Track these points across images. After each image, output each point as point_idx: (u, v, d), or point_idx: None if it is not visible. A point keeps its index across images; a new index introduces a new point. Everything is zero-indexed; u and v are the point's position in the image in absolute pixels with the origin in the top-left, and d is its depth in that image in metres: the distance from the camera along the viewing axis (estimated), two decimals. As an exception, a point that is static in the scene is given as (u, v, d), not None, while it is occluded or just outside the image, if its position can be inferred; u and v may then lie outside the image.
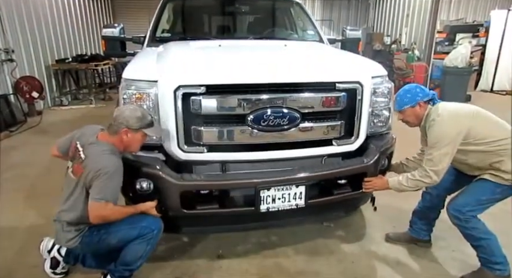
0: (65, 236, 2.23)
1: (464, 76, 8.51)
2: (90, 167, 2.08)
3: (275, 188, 2.35)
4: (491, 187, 2.35)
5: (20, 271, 2.62)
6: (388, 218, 3.21)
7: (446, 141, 2.26)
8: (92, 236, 2.22)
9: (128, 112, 2.14)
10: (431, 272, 2.62)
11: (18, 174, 4.41)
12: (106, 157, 2.10)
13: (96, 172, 2.04)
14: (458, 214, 2.38)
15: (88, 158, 2.12)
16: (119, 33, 3.62)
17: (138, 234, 2.21)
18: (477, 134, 2.28)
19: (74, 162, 2.21)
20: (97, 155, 2.11)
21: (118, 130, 2.14)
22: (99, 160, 2.09)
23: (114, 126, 2.15)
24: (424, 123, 2.44)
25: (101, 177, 2.04)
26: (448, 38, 10.86)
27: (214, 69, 2.43)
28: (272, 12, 4.53)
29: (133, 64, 2.62)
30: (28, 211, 3.48)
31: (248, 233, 3.04)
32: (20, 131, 6.37)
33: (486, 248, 2.41)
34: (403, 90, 2.46)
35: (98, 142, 2.19)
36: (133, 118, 2.12)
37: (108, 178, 2.05)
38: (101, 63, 9.07)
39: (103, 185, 2.05)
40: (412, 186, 2.42)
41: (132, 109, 2.15)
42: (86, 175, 2.09)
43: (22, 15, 7.43)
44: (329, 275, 2.59)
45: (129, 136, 2.16)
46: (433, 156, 2.30)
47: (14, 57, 6.99)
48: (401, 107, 2.44)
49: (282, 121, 2.32)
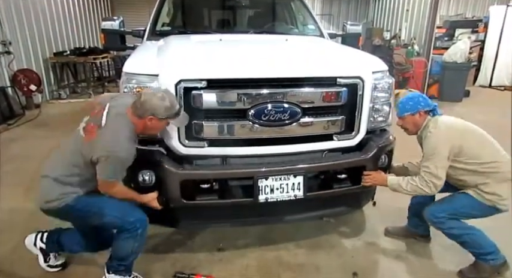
0: (47, 193, 2.08)
1: (463, 71, 8.51)
2: (103, 141, 1.98)
3: (273, 178, 2.38)
4: (472, 202, 2.41)
5: (20, 263, 2.63)
6: (388, 213, 3.23)
7: (441, 155, 2.31)
8: (75, 207, 2.09)
9: (156, 101, 2.01)
10: (430, 266, 2.64)
11: (17, 167, 4.40)
12: (122, 141, 2.00)
13: (107, 151, 1.96)
14: (432, 218, 2.50)
15: (106, 129, 2.01)
16: (118, 26, 3.59)
17: (121, 226, 2.17)
18: (470, 153, 2.33)
19: (91, 121, 2.08)
20: (115, 133, 2.00)
21: (143, 116, 2.03)
22: (115, 141, 1.98)
23: (139, 109, 2.03)
24: (420, 133, 2.49)
25: (111, 158, 1.97)
26: (447, 33, 10.86)
27: (216, 64, 2.43)
28: (273, 6, 4.51)
29: (134, 58, 2.61)
30: (28, 204, 3.47)
31: (249, 227, 3.06)
32: (18, 124, 6.34)
33: (472, 243, 2.47)
34: (406, 98, 2.50)
35: (124, 118, 2.06)
36: (162, 108, 2.01)
37: (118, 162, 2.01)
38: (99, 56, 9.01)
39: (112, 167, 2.00)
40: (410, 191, 2.46)
41: (160, 97, 2.02)
42: (95, 146, 1.98)
43: (19, 7, 7.36)
44: (329, 268, 2.61)
45: (153, 123, 2.06)
46: (430, 169, 2.34)
47: (11, 50, 6.96)
48: (402, 113, 2.49)
49: (283, 116, 2.33)
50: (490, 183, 2.34)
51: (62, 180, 2.07)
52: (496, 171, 2.33)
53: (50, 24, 8.62)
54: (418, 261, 2.68)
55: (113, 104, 2.12)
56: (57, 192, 2.06)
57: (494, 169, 2.32)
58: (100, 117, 2.04)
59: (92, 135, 2.02)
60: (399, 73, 8.61)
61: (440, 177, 2.34)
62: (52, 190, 2.07)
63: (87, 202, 2.12)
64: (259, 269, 2.60)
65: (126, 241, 2.19)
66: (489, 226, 2.54)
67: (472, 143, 2.35)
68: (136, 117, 2.06)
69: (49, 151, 2.48)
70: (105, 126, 2.01)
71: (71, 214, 2.14)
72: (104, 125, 2.01)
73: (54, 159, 2.18)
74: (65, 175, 2.07)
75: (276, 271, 2.58)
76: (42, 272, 2.53)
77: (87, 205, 2.12)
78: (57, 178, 2.06)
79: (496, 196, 2.34)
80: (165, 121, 2.09)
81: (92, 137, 2.01)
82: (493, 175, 2.33)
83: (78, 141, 2.07)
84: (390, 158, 2.77)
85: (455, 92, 8.51)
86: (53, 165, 2.14)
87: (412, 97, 2.48)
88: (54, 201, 2.06)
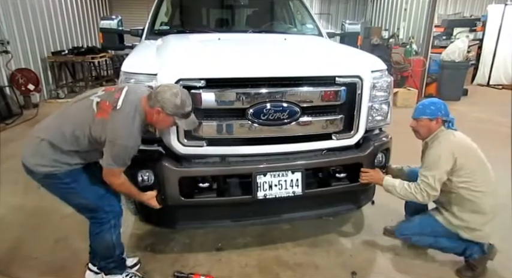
0: (41, 156, 1.98)
1: (461, 70, 8.54)
2: (114, 125, 1.93)
3: (271, 174, 2.39)
4: (435, 225, 2.52)
5: (18, 263, 2.63)
6: (386, 213, 3.24)
7: (442, 168, 2.33)
8: (63, 179, 2.03)
9: (169, 95, 1.98)
10: (428, 265, 2.65)
11: (15, 166, 4.34)
12: (132, 130, 1.96)
13: (116, 137, 1.92)
14: (399, 235, 2.67)
15: (120, 113, 1.94)
16: (116, 25, 3.58)
17: (94, 212, 2.16)
18: (467, 174, 2.34)
19: (107, 98, 2.00)
20: (128, 120, 1.95)
21: (153, 106, 2.00)
22: (125, 128, 1.94)
23: (152, 99, 2.00)
24: (429, 140, 2.47)
25: (118, 145, 1.93)
26: (445, 32, 10.89)
27: (214, 63, 2.42)
28: (271, 5, 4.50)
29: (133, 57, 2.61)
30: (26, 203, 3.48)
31: (247, 227, 3.05)
32: (16, 124, 6.33)
33: (444, 248, 2.58)
34: (429, 101, 2.48)
35: (138, 105, 2.01)
36: (171, 103, 1.98)
37: (124, 150, 1.96)
38: (97, 55, 9.00)
39: (118, 154, 1.96)
40: (403, 195, 2.49)
41: (173, 93, 1.99)
42: (105, 127, 1.92)
43: (17, 6, 7.34)
44: (328, 267, 2.62)
45: (160, 116, 2.02)
46: (428, 179, 2.36)
47: (9, 49, 6.94)
48: (420, 115, 2.45)
49: (282, 115, 2.33)
50: (464, 209, 2.40)
51: (59, 146, 1.97)
52: (477, 201, 2.36)
53: (48, 23, 8.60)
54: (416, 260, 2.69)
55: (130, 89, 2.08)
56: (51, 157, 1.98)
57: (477, 198, 2.36)
58: (116, 98, 1.98)
59: (104, 113, 1.94)
60: (397, 72, 8.62)
61: (436, 188, 2.36)
62: (47, 154, 1.98)
63: (75, 179, 2.07)
64: (258, 268, 2.61)
65: (102, 236, 2.20)
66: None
67: (473, 165, 2.36)
68: (148, 106, 2.02)
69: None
70: (119, 109, 1.95)
71: (55, 184, 2.06)
72: (118, 108, 1.95)
73: (53, 124, 2.04)
74: (63, 142, 1.97)
75: (275, 270, 2.58)
76: (39, 271, 2.53)
77: (73, 181, 2.06)
78: (54, 144, 1.97)
79: (461, 222, 2.42)
80: (172, 118, 2.05)
81: (104, 116, 1.94)
82: (472, 203, 2.37)
83: (87, 113, 1.97)
84: (387, 157, 2.78)
85: (453, 91, 8.53)
86: (52, 130, 2.01)
87: (435, 102, 2.45)
88: (45, 166, 1.98)
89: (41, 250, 2.77)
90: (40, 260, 2.63)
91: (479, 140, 2.58)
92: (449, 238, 2.52)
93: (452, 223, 2.46)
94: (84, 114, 1.98)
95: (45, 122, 2.09)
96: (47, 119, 2.11)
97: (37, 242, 2.86)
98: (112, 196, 2.22)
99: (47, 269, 2.56)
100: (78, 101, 2.08)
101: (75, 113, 2.03)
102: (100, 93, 2.06)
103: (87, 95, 2.08)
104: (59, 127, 1.99)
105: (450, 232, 2.49)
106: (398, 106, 7.66)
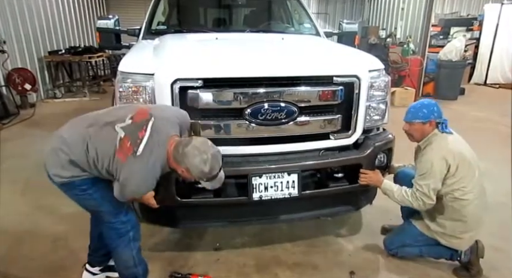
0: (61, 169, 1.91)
1: (458, 69, 8.57)
2: (130, 173, 1.81)
3: (267, 175, 2.37)
4: (415, 234, 2.56)
5: (16, 265, 2.61)
6: (385, 212, 3.24)
7: (436, 177, 2.32)
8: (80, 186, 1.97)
9: (197, 162, 1.83)
10: (427, 265, 2.65)
11: (12, 166, 4.37)
12: (148, 179, 1.86)
13: (128, 183, 1.82)
14: (388, 251, 2.71)
15: (139, 161, 1.80)
16: (113, 25, 3.57)
17: (112, 223, 2.09)
18: (454, 183, 2.32)
19: (130, 136, 1.83)
20: (145, 171, 1.83)
21: (178, 164, 1.86)
22: (140, 177, 1.83)
23: (178, 155, 1.85)
24: (422, 144, 2.45)
25: (128, 190, 1.85)
26: (442, 32, 10.91)
27: (212, 63, 2.41)
28: (269, 5, 4.50)
29: (130, 57, 2.60)
30: (24, 204, 3.47)
31: (246, 227, 3.05)
32: (13, 123, 6.30)
33: (433, 256, 2.62)
34: (421, 104, 2.43)
35: (162, 150, 1.87)
36: (199, 170, 1.85)
37: (134, 194, 1.91)
38: (94, 55, 8.96)
39: (126, 194, 1.88)
40: (399, 200, 2.50)
41: (202, 160, 1.83)
42: (121, 169, 1.81)
43: (13, 6, 7.29)
44: (326, 267, 2.62)
45: (184, 174, 1.91)
46: (422, 188, 2.35)
47: (5, 49, 6.89)
48: (412, 119, 2.40)
49: (280, 115, 2.32)
50: (446, 216, 2.42)
51: (81, 166, 1.90)
52: (461, 209, 2.35)
53: (45, 22, 8.55)
54: (415, 260, 2.68)
55: (156, 125, 1.88)
56: (69, 172, 1.91)
57: (461, 206, 2.35)
58: (140, 139, 1.82)
59: (123, 155, 1.81)
60: (395, 72, 8.64)
61: (431, 197, 2.35)
62: (66, 167, 1.91)
63: (91, 186, 1.99)
64: (256, 268, 2.60)
65: (120, 252, 2.14)
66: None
67: (463, 173, 2.32)
68: (172, 158, 1.88)
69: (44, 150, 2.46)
70: (139, 156, 1.80)
71: (72, 191, 2.01)
72: (138, 154, 1.80)
73: (77, 141, 1.89)
74: (85, 164, 1.89)
75: (273, 270, 2.58)
76: (37, 272, 2.52)
77: (89, 188, 1.99)
78: (77, 164, 1.89)
79: (441, 228, 2.44)
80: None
81: (122, 158, 1.81)
82: (455, 210, 2.37)
83: (110, 146, 1.84)
84: (389, 158, 2.76)
85: (450, 90, 8.55)
86: (74, 147, 1.89)
87: (427, 105, 2.39)
88: (63, 177, 1.93)
89: (39, 250, 2.76)
90: (39, 260, 2.62)
91: (477, 139, 2.59)
92: (431, 245, 2.54)
93: (431, 229, 2.48)
94: (107, 145, 1.85)
95: (68, 135, 1.93)
96: (69, 130, 1.97)
97: (35, 242, 2.85)
98: (127, 207, 2.16)
99: (45, 269, 2.55)
100: (105, 126, 1.90)
101: (99, 141, 1.88)
102: (127, 122, 1.89)
103: (114, 121, 1.90)
104: (83, 149, 1.87)
105: (430, 238, 2.51)
106: (396, 105, 7.66)
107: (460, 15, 13.60)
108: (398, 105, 7.78)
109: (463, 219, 2.38)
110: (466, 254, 2.49)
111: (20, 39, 7.53)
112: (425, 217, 2.52)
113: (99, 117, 1.98)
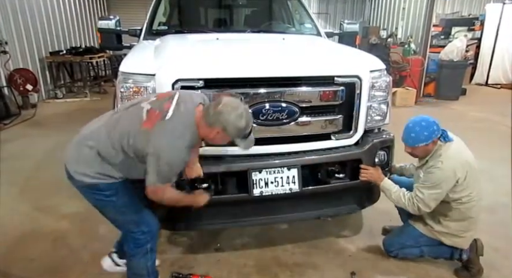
0: (85, 165, 1.84)
1: (459, 69, 8.55)
2: (159, 138, 1.75)
3: (267, 170, 2.37)
4: (416, 236, 2.56)
5: (16, 266, 2.62)
6: (385, 213, 3.23)
7: (443, 192, 2.31)
8: (103, 192, 1.90)
9: (234, 118, 1.77)
10: (428, 265, 2.64)
11: (13, 166, 4.37)
12: (179, 146, 1.78)
13: (159, 151, 1.75)
14: (387, 252, 2.70)
15: (169, 124, 1.77)
16: (115, 25, 3.58)
17: (132, 233, 2.05)
18: (461, 190, 2.32)
19: (157, 106, 1.82)
20: (175, 134, 1.77)
21: (212, 125, 1.80)
22: (172, 143, 1.76)
23: (211, 117, 1.79)
24: (428, 158, 2.40)
25: (161, 161, 1.75)
26: (443, 32, 10.88)
27: (213, 63, 2.41)
28: (269, 5, 4.50)
29: (131, 57, 2.60)
30: (24, 204, 3.47)
31: (246, 228, 3.05)
32: (14, 124, 6.31)
33: (433, 255, 2.61)
34: (419, 126, 2.30)
35: (190, 118, 1.83)
36: (236, 127, 1.79)
37: (168, 166, 1.79)
38: (95, 55, 8.99)
39: (161, 170, 1.78)
40: (395, 201, 2.53)
41: (238, 115, 1.78)
42: (149, 138, 1.76)
43: (15, 7, 7.31)
44: (327, 268, 2.62)
45: (218, 136, 1.85)
46: (424, 196, 2.34)
47: (7, 49, 6.92)
48: (415, 144, 2.33)
49: (281, 115, 2.32)
50: (451, 218, 2.42)
51: (106, 157, 1.83)
52: (466, 211, 2.37)
53: (46, 23, 8.58)
54: (416, 260, 2.68)
55: (182, 97, 1.88)
56: (96, 169, 1.84)
57: (466, 209, 2.37)
58: (167, 107, 1.81)
59: (151, 123, 1.77)
60: (396, 72, 8.62)
61: (430, 206, 2.36)
62: (93, 164, 1.84)
63: (116, 192, 1.92)
64: (256, 268, 2.60)
65: (135, 261, 2.10)
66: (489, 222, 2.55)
67: (470, 181, 2.33)
68: (204, 122, 1.82)
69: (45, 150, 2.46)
70: (168, 120, 1.77)
71: (94, 194, 1.92)
72: (168, 118, 1.77)
73: (103, 131, 1.85)
74: (111, 153, 1.83)
75: (273, 271, 2.58)
76: (38, 272, 2.52)
77: (113, 195, 1.92)
78: (102, 155, 1.83)
79: (445, 229, 2.44)
80: (230, 138, 1.90)
81: (150, 126, 1.77)
82: (460, 212, 2.38)
83: (135, 121, 1.81)
84: (389, 155, 2.75)
85: (452, 90, 8.54)
86: (101, 138, 1.84)
87: (426, 127, 2.29)
88: (88, 176, 1.84)
89: (39, 249, 2.76)
90: (38, 260, 2.62)
91: (478, 139, 2.59)
92: (433, 245, 2.54)
93: (435, 229, 2.48)
94: (132, 121, 1.82)
95: (93, 128, 1.90)
96: (93, 125, 1.93)
97: (35, 242, 2.85)
98: (150, 215, 2.10)
99: (45, 269, 2.55)
100: (130, 107, 1.90)
101: (124, 120, 1.85)
102: (152, 99, 1.89)
103: (139, 101, 1.91)
104: (108, 135, 1.83)
105: (432, 239, 2.51)
106: (397, 105, 7.67)
107: (461, 15, 13.56)
108: (399, 105, 7.78)
109: (468, 219, 2.40)
110: (466, 253, 2.50)
111: (22, 40, 7.56)
112: (428, 219, 2.51)
113: (121, 107, 1.98)
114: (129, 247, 2.12)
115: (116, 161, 1.85)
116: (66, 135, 2.13)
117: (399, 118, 2.57)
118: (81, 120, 2.16)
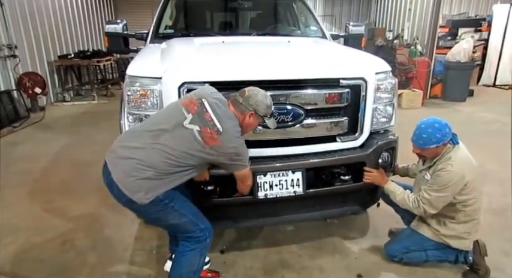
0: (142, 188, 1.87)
1: (466, 71, 8.48)
2: (228, 144, 1.95)
3: (271, 173, 2.39)
4: (422, 240, 2.54)
5: (24, 266, 2.65)
6: (391, 214, 3.21)
7: (451, 194, 2.31)
8: (162, 200, 1.94)
9: (261, 97, 2.04)
10: (435, 268, 2.62)
11: (21, 169, 4.43)
12: (240, 141, 2.01)
13: (234, 147, 1.97)
14: (391, 258, 2.66)
15: (226, 133, 1.94)
16: (122, 29, 3.61)
17: (192, 232, 2.09)
18: (468, 192, 2.32)
19: (203, 124, 1.92)
20: (234, 133, 1.99)
21: (245, 111, 2.03)
22: (236, 139, 1.99)
23: (242, 105, 2.02)
24: (436, 160, 2.39)
25: (239, 149, 2.00)
26: (450, 33, 10.82)
27: (219, 66, 2.43)
28: (275, 8, 4.51)
29: (137, 61, 2.63)
30: (33, 206, 3.51)
31: (252, 230, 3.06)
32: (23, 127, 6.39)
33: (438, 259, 2.58)
34: (432, 128, 2.30)
35: (231, 115, 2.03)
36: (264, 104, 2.04)
37: (245, 147, 2.05)
38: (103, 59, 9.09)
39: (244, 153, 2.04)
40: (400, 203, 2.52)
41: (264, 95, 2.07)
42: (221, 151, 1.94)
43: (25, 11, 7.43)
44: (333, 270, 2.61)
45: (251, 119, 2.06)
46: (431, 197, 2.33)
47: (17, 53, 7.02)
48: (426, 145, 2.32)
49: (286, 117, 2.34)
50: (457, 220, 2.41)
51: (164, 178, 1.91)
52: (471, 213, 2.38)
53: (55, 27, 8.71)
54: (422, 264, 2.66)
55: (211, 101, 2.00)
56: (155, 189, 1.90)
57: (471, 211, 2.37)
58: (210, 121, 1.93)
59: (213, 141, 1.92)
60: (402, 74, 8.59)
61: (437, 208, 2.35)
62: (151, 187, 1.89)
63: (172, 198, 1.98)
64: (263, 271, 2.60)
65: (190, 257, 2.11)
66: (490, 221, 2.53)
67: (476, 184, 2.34)
68: (238, 112, 2.05)
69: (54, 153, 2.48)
70: (223, 131, 1.93)
71: (156, 207, 1.95)
72: (222, 131, 1.93)
73: (152, 156, 1.89)
74: (167, 174, 1.91)
75: (280, 273, 2.58)
76: (46, 273, 2.55)
77: (171, 201, 1.98)
78: (161, 177, 1.90)
79: (452, 231, 2.43)
80: (261, 119, 2.11)
81: (215, 143, 1.92)
82: (465, 214, 2.38)
83: (195, 145, 1.91)
84: (393, 157, 2.75)
85: (458, 92, 8.48)
86: (152, 160, 1.88)
87: (439, 129, 2.28)
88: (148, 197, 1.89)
89: (47, 252, 2.79)
90: (47, 262, 2.65)
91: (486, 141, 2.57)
92: (439, 249, 2.52)
93: (441, 233, 2.47)
94: (192, 146, 1.92)
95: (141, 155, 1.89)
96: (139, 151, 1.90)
97: (44, 244, 2.88)
98: (201, 212, 2.16)
99: (53, 270, 2.58)
100: (175, 128, 1.93)
101: (178, 145, 1.91)
102: (189, 117, 1.95)
103: (176, 123, 1.94)
104: (158, 157, 1.88)
105: (437, 243, 2.50)
106: (403, 107, 7.63)
107: (468, 15, 13.47)
108: (405, 107, 7.74)
109: (473, 221, 2.41)
110: (471, 255, 2.49)
111: (31, 44, 7.67)
112: (433, 223, 2.50)
113: (155, 127, 1.97)
114: (185, 246, 2.12)
115: (173, 178, 1.94)
116: (74, 137, 2.18)
117: (405, 120, 2.56)
118: (89, 123, 2.20)
